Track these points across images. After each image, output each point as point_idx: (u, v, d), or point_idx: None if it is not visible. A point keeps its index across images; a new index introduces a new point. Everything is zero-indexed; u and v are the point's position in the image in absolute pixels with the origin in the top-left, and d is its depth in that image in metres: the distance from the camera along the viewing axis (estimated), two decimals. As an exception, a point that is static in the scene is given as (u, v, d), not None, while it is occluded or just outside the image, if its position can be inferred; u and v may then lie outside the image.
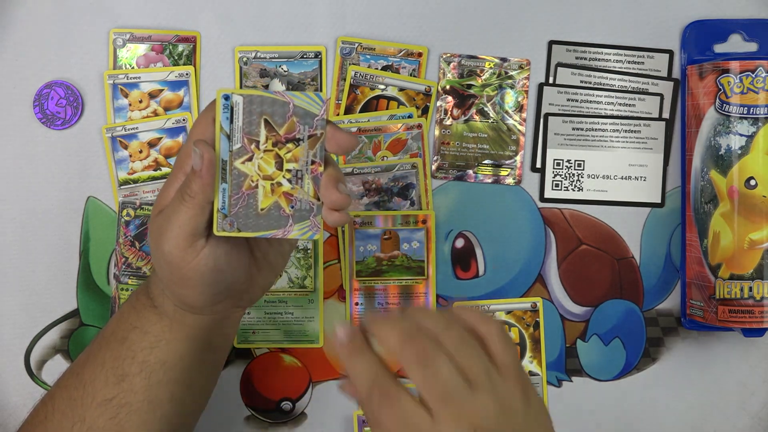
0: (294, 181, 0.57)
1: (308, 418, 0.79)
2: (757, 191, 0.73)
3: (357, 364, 0.53)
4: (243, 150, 0.56)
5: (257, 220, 0.57)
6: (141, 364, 0.61)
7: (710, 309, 0.76)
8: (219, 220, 0.56)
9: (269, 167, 0.57)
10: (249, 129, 0.56)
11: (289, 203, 0.57)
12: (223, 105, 0.56)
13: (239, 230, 0.56)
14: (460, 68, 0.79)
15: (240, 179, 0.56)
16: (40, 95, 0.77)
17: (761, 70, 0.73)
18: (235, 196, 0.56)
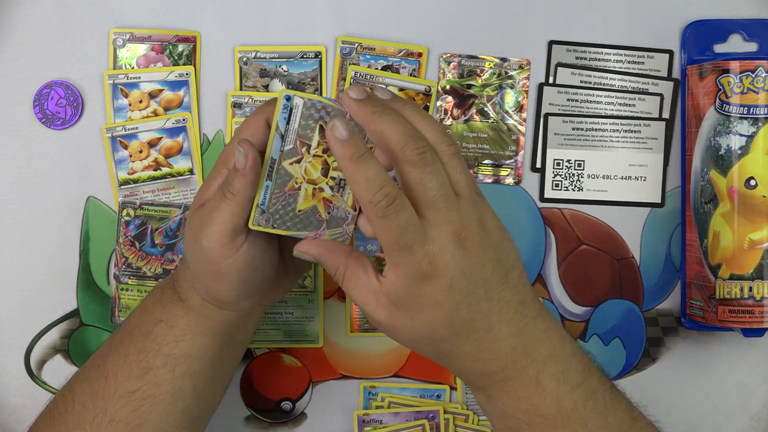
0: (335, 189, 0.58)
1: (308, 418, 0.79)
2: (757, 191, 0.73)
3: (368, 169, 0.54)
4: (294, 151, 0.57)
5: (293, 220, 0.58)
6: (166, 357, 0.62)
7: (710, 309, 0.76)
8: (256, 214, 0.57)
9: (315, 172, 0.58)
10: (303, 132, 0.57)
11: (327, 209, 0.58)
12: (284, 105, 0.57)
13: (273, 227, 0.58)
14: (460, 68, 0.79)
15: (285, 179, 0.58)
16: (40, 95, 0.77)
17: (761, 70, 0.73)
18: (277, 194, 0.57)
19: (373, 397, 0.79)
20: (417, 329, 0.56)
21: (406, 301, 0.55)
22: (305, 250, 0.58)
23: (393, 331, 0.57)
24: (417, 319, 0.55)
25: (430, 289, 0.54)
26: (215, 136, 0.79)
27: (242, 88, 0.78)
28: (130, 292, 0.78)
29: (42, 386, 0.78)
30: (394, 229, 0.53)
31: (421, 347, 0.58)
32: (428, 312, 0.55)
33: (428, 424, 0.78)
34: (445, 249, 0.54)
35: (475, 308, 0.55)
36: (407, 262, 0.54)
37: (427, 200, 0.54)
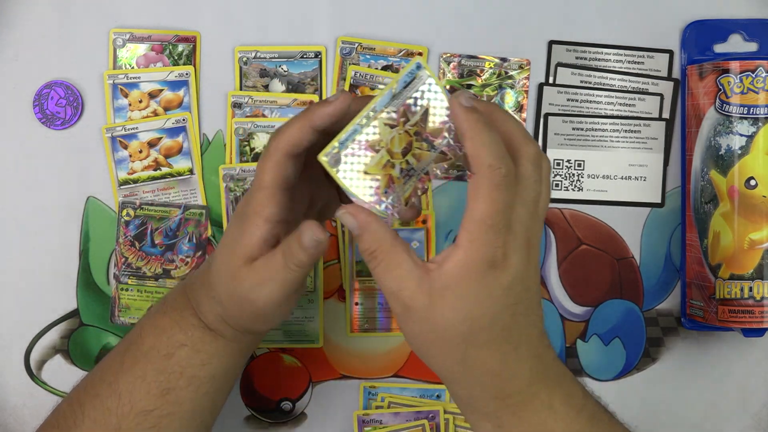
0: (403, 174, 0.57)
1: (308, 418, 0.79)
2: (757, 191, 0.73)
3: (493, 135, 0.53)
4: (393, 116, 0.56)
5: (356, 177, 0.56)
6: (190, 379, 0.62)
7: (710, 309, 0.76)
8: (331, 150, 0.56)
9: (399, 146, 0.56)
10: (410, 106, 0.56)
11: (386, 188, 0.57)
12: (411, 71, 0.56)
13: (337, 171, 0.56)
14: (460, 68, 0.79)
15: (372, 134, 0.56)
16: (40, 95, 0.77)
17: (761, 70, 0.73)
18: (356, 144, 0.56)
19: (373, 397, 0.79)
20: (456, 323, 0.53)
21: (459, 288, 0.52)
22: (354, 214, 0.55)
23: (422, 323, 0.54)
24: (462, 312, 0.53)
25: (491, 280, 0.52)
26: (215, 136, 0.79)
27: (242, 88, 0.78)
28: (130, 292, 0.78)
29: (42, 386, 0.78)
30: (499, 201, 0.52)
31: (446, 348, 0.54)
32: (477, 306, 0.53)
33: (428, 424, 0.78)
34: (521, 248, 0.53)
35: (516, 319, 0.54)
36: (489, 242, 0.52)
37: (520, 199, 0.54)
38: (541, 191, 0.55)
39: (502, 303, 0.53)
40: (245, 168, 0.78)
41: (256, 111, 0.78)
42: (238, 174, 0.78)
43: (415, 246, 0.78)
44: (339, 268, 0.79)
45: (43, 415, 0.67)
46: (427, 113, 0.57)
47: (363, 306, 0.79)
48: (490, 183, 0.52)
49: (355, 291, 0.79)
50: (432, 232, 0.78)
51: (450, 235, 0.79)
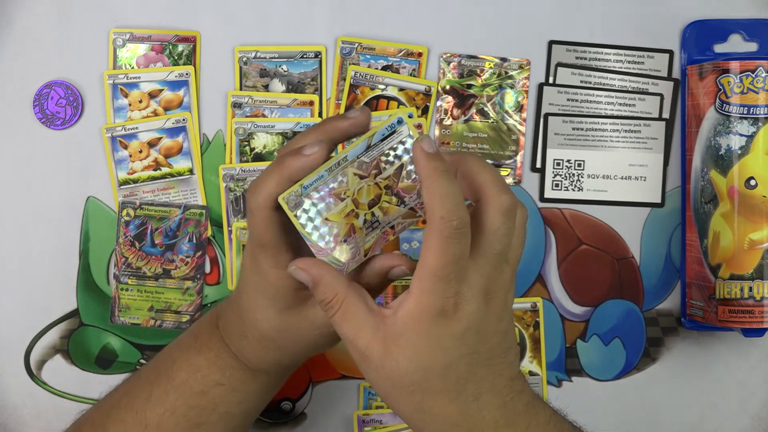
0: (366, 226, 0.56)
1: (308, 418, 0.79)
2: (757, 191, 0.73)
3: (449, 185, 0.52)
4: (365, 167, 0.56)
5: (316, 222, 0.56)
6: (222, 415, 0.62)
7: (710, 309, 0.76)
8: (293, 193, 0.55)
9: (367, 197, 0.56)
10: (385, 159, 0.56)
11: (346, 236, 0.56)
12: (391, 124, 0.56)
13: (296, 215, 0.56)
14: (460, 68, 0.79)
15: (340, 183, 0.56)
16: (40, 95, 0.77)
17: (761, 70, 0.73)
18: (322, 190, 0.56)
19: (373, 397, 0.79)
20: (409, 372, 0.53)
21: (411, 337, 0.52)
22: (304, 268, 0.55)
23: (379, 371, 0.53)
24: (414, 361, 0.52)
25: (443, 330, 0.52)
26: (215, 136, 0.79)
27: (242, 88, 0.78)
28: (130, 292, 0.78)
29: (42, 386, 0.78)
30: (448, 254, 0.51)
31: (403, 396, 0.54)
32: (429, 355, 0.52)
33: (428, 424, 0.78)
34: (475, 299, 0.52)
35: (473, 369, 0.53)
36: (438, 292, 0.52)
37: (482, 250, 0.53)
38: (511, 243, 0.54)
39: (454, 353, 0.53)
40: (245, 168, 0.78)
41: (256, 111, 0.78)
42: (238, 174, 0.78)
43: (415, 246, 0.78)
44: (339, 268, 0.79)
45: (44, 416, 0.67)
46: (401, 168, 0.56)
47: (363, 306, 0.79)
48: (440, 235, 0.51)
49: (355, 291, 0.79)
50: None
51: (450, 235, 0.79)
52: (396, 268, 0.57)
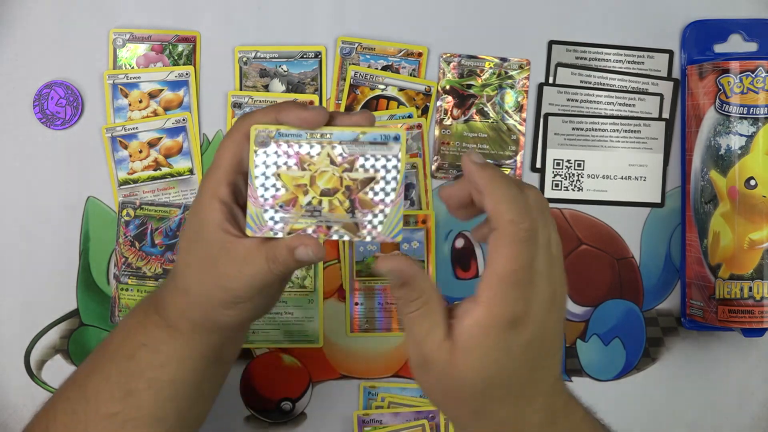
0: (307, 207, 0.55)
1: (308, 418, 0.79)
2: (757, 191, 0.73)
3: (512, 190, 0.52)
4: (341, 155, 0.55)
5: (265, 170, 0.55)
6: (149, 381, 0.60)
7: (710, 309, 0.76)
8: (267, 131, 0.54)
9: (323, 183, 0.55)
10: (363, 162, 0.55)
11: (283, 203, 0.55)
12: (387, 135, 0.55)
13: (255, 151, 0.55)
14: (460, 68, 0.79)
15: (310, 152, 0.55)
16: (40, 95, 0.77)
17: (761, 70, 0.73)
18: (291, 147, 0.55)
19: (373, 397, 0.79)
20: (474, 383, 0.52)
21: (479, 348, 0.51)
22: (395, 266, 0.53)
23: (440, 379, 0.53)
24: (481, 372, 0.51)
25: (513, 339, 0.51)
26: (215, 136, 0.79)
27: (242, 88, 0.78)
28: (130, 292, 0.78)
29: (42, 386, 0.78)
30: (521, 258, 0.51)
31: (460, 402, 0.53)
32: (495, 364, 0.51)
33: (428, 424, 0.78)
34: (543, 303, 0.52)
35: (533, 374, 0.53)
36: (509, 300, 0.51)
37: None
38: (551, 234, 0.54)
39: (520, 360, 0.52)
40: (245, 168, 0.78)
41: (256, 111, 0.78)
42: (238, 174, 0.78)
43: (415, 246, 0.78)
44: (339, 268, 0.79)
45: (43, 415, 0.67)
46: (371, 181, 0.55)
47: (363, 306, 0.79)
48: (511, 239, 0.50)
49: (355, 291, 0.79)
50: (432, 232, 0.78)
51: (450, 235, 0.79)
52: (300, 247, 0.56)
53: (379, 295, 0.79)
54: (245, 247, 0.56)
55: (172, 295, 0.60)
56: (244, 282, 0.57)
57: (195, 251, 0.58)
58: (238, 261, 0.56)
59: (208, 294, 0.58)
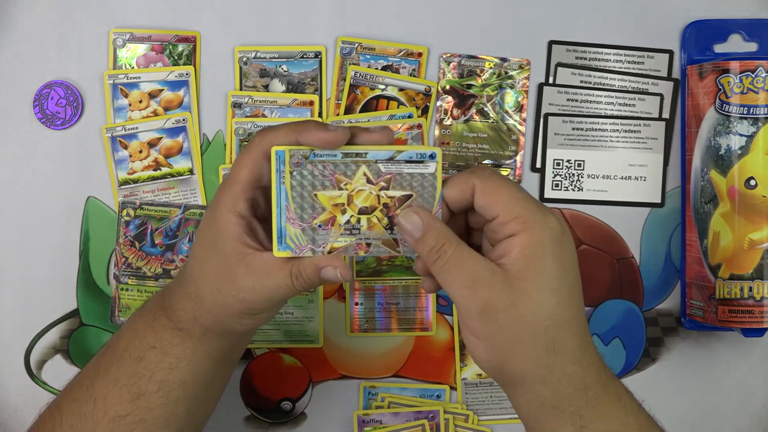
0: (346, 226, 0.56)
1: (308, 418, 0.79)
2: (757, 191, 0.73)
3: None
4: (378, 174, 0.55)
5: (301, 191, 0.56)
6: (159, 383, 0.61)
7: (710, 309, 0.76)
8: (301, 151, 0.55)
9: (361, 201, 0.56)
10: (399, 180, 0.55)
11: (322, 222, 0.56)
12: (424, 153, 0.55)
13: (291, 172, 0.56)
14: (460, 68, 0.79)
15: (346, 172, 0.56)
16: (40, 95, 0.77)
17: (761, 70, 0.73)
18: (328, 168, 0.56)
19: (373, 397, 0.79)
20: (543, 305, 0.52)
21: (536, 266, 0.52)
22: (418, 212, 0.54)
23: (509, 314, 0.52)
24: (547, 290, 0.52)
25: (561, 251, 0.53)
26: (215, 136, 0.79)
27: (242, 88, 0.78)
28: (130, 292, 0.78)
29: (42, 386, 0.78)
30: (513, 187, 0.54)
31: (535, 339, 0.53)
32: (557, 280, 0.52)
33: (428, 424, 0.78)
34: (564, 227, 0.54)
35: (581, 304, 0.54)
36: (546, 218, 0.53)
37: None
38: None
39: (573, 273, 0.53)
40: (245, 168, 0.78)
41: (256, 111, 0.78)
42: (238, 174, 0.78)
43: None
44: (339, 268, 0.79)
45: (43, 416, 0.67)
46: (408, 198, 0.56)
47: (363, 306, 0.79)
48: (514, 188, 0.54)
49: (355, 291, 0.79)
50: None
51: (450, 235, 0.79)
52: (328, 267, 0.57)
53: (379, 295, 0.79)
54: (266, 262, 0.57)
55: (183, 300, 0.60)
56: (263, 295, 0.58)
57: (212, 262, 0.58)
58: (259, 274, 0.57)
59: (224, 304, 0.58)
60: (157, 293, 0.64)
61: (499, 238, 0.54)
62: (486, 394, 0.79)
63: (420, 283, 0.58)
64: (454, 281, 0.53)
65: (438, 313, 0.79)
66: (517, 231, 0.53)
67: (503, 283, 0.52)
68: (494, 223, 0.54)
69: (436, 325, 0.79)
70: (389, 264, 0.78)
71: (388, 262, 0.78)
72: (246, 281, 0.57)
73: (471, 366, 0.79)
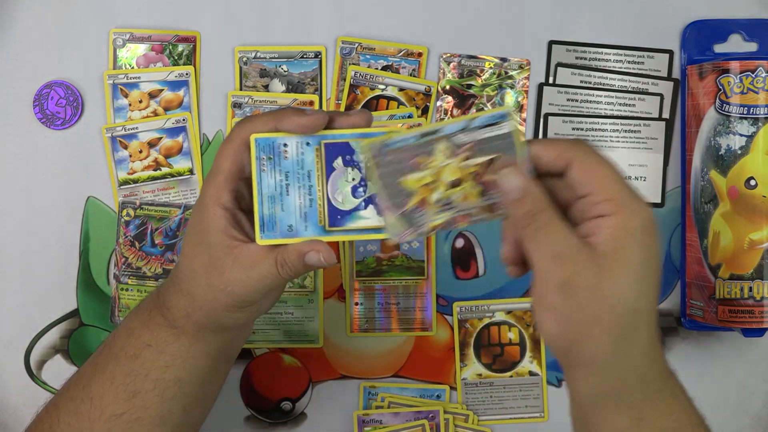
0: (440, 203, 0.56)
1: (308, 418, 0.79)
2: (757, 191, 0.73)
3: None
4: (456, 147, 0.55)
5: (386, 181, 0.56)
6: (155, 382, 0.61)
7: (710, 309, 0.76)
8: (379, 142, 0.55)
9: (448, 176, 0.55)
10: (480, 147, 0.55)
11: (415, 206, 0.56)
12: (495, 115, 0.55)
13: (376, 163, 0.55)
14: (460, 68, 0.79)
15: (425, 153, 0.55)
16: (40, 95, 0.77)
17: (761, 70, 0.73)
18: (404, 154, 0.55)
19: (373, 397, 0.79)
20: (627, 290, 0.52)
21: (625, 251, 0.52)
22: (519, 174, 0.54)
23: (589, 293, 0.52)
24: (632, 277, 0.52)
25: (649, 240, 0.52)
26: (215, 136, 0.79)
27: (242, 88, 0.78)
28: (130, 292, 0.78)
29: (42, 386, 0.78)
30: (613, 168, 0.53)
31: (611, 323, 0.52)
32: (643, 267, 0.52)
33: (428, 424, 0.78)
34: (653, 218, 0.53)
35: (657, 292, 0.54)
36: (635, 202, 0.52)
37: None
38: None
39: (657, 266, 0.53)
40: (245, 168, 0.78)
41: (256, 111, 0.78)
42: (238, 174, 0.78)
43: (415, 246, 0.78)
44: (339, 268, 0.79)
45: (43, 416, 0.67)
46: (493, 161, 0.55)
47: (363, 306, 0.79)
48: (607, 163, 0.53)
49: (355, 291, 0.79)
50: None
51: (450, 235, 0.79)
52: (311, 252, 0.57)
53: (379, 295, 0.79)
54: (252, 253, 0.57)
55: (176, 297, 0.60)
56: (252, 287, 0.58)
57: (200, 257, 0.58)
58: (245, 266, 0.57)
59: (215, 298, 0.58)
60: (153, 292, 0.64)
61: (587, 217, 0.53)
62: (486, 394, 0.79)
63: (507, 270, 0.58)
64: (540, 249, 0.53)
65: (438, 313, 0.79)
66: (608, 212, 0.52)
67: (589, 261, 0.52)
68: (585, 200, 0.53)
69: (436, 325, 0.79)
70: (389, 264, 0.78)
71: (388, 262, 0.78)
72: (234, 273, 0.57)
73: (471, 366, 0.79)
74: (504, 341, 0.79)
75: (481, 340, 0.79)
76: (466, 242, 0.79)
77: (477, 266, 0.79)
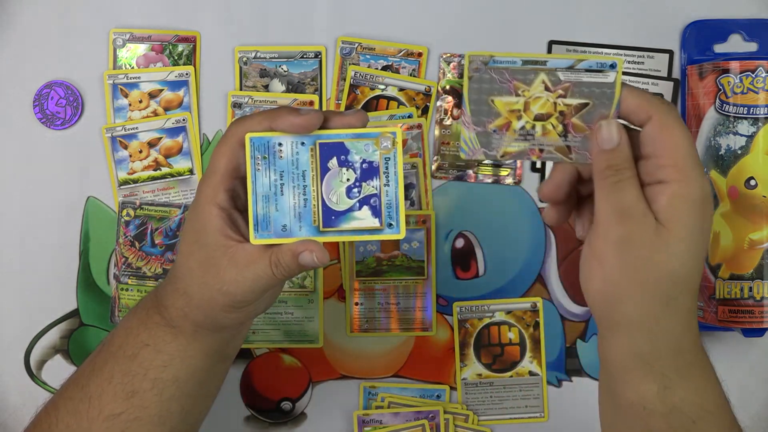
0: (520, 132, 0.56)
1: (308, 418, 0.79)
2: (757, 191, 0.73)
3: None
4: (556, 82, 0.55)
5: (477, 96, 0.56)
6: (153, 381, 0.61)
7: (710, 309, 0.76)
8: (481, 57, 0.56)
9: (538, 108, 0.55)
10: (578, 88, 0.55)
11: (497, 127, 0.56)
12: (603, 63, 0.55)
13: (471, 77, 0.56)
14: (460, 68, 0.79)
15: (524, 79, 0.55)
16: (40, 95, 0.77)
17: (761, 70, 0.73)
18: (505, 74, 0.55)
19: (373, 397, 0.79)
20: (680, 261, 0.53)
21: (683, 219, 0.53)
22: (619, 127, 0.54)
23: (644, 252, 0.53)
24: (685, 246, 0.52)
25: (706, 213, 0.53)
26: (215, 136, 0.79)
27: (242, 88, 0.78)
28: (130, 292, 0.78)
29: (42, 386, 0.78)
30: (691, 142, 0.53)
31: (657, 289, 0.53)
32: (697, 241, 0.53)
33: (428, 424, 0.78)
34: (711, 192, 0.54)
35: (703, 266, 0.55)
36: (696, 174, 0.53)
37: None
38: None
39: (707, 241, 0.54)
40: (245, 168, 0.78)
41: (256, 111, 0.78)
42: (238, 174, 0.78)
43: (415, 246, 0.78)
44: (339, 268, 0.79)
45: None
46: (586, 107, 0.55)
47: (363, 306, 0.79)
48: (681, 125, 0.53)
49: (355, 291, 0.79)
50: (432, 232, 0.78)
51: (450, 235, 0.79)
52: (305, 252, 0.57)
53: (379, 295, 0.79)
54: (247, 252, 0.57)
55: (173, 297, 0.60)
56: (247, 287, 0.58)
57: (196, 256, 0.58)
58: (241, 266, 0.57)
59: (211, 298, 0.58)
60: (151, 291, 0.64)
61: (649, 181, 0.54)
62: (486, 394, 0.79)
63: (543, 212, 0.58)
64: (611, 202, 0.53)
65: (438, 313, 0.79)
66: (671, 179, 0.53)
67: (649, 225, 0.53)
68: (650, 162, 0.54)
69: (436, 325, 0.79)
70: (389, 264, 0.78)
71: (388, 262, 0.78)
72: (229, 273, 0.57)
73: (471, 366, 0.79)
74: (504, 341, 0.79)
75: (481, 340, 0.79)
76: (466, 242, 0.79)
77: (477, 266, 0.79)
